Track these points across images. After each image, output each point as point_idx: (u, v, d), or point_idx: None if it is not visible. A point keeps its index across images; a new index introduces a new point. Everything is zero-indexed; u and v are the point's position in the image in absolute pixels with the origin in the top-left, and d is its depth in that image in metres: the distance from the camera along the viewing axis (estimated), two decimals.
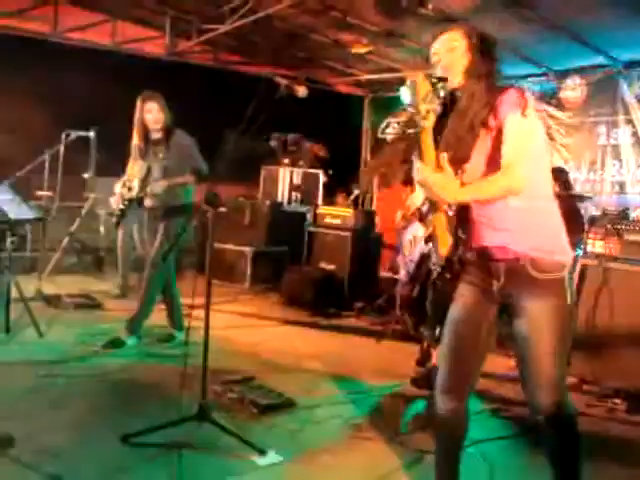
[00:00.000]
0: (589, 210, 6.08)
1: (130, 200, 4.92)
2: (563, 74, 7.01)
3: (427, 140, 2.28)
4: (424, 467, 3.21)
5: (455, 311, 2.48)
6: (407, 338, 5.64)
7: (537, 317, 2.30)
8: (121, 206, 4.95)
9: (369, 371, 4.79)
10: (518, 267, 2.30)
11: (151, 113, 4.84)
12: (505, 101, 2.26)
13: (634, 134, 6.38)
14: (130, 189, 4.92)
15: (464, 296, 2.45)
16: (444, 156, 2.21)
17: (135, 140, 4.94)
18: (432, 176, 2.20)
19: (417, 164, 2.26)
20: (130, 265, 6.73)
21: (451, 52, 2.46)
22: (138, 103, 4.87)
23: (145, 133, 4.90)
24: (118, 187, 4.98)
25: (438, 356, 4.35)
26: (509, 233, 2.31)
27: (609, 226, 4.73)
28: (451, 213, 2.33)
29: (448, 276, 2.41)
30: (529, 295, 2.30)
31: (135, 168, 4.91)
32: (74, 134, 7.08)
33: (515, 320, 2.35)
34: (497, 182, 2.24)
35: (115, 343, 4.80)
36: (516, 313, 2.34)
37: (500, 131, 2.26)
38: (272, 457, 3.16)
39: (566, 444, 2.41)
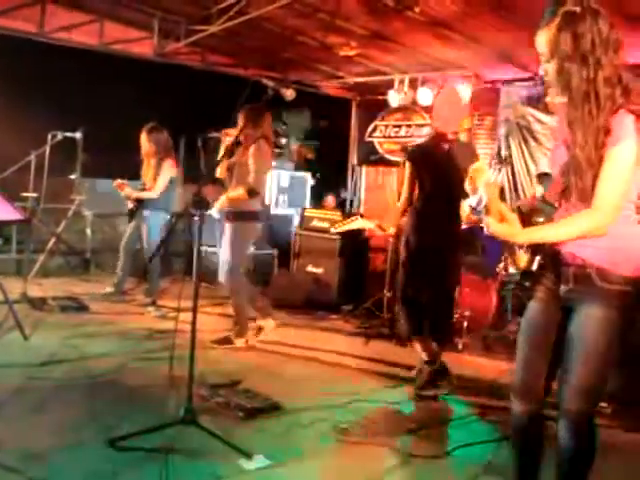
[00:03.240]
0: None
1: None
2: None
3: (494, 201, 2.48)
4: (412, 471, 3.22)
5: (529, 313, 2.52)
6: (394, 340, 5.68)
7: (587, 324, 2.31)
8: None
9: (356, 374, 4.79)
10: (585, 274, 2.30)
11: None
12: (616, 127, 2.19)
13: None
14: None
15: (538, 298, 2.48)
16: (504, 208, 2.42)
17: None
18: (498, 228, 2.38)
19: (486, 219, 2.43)
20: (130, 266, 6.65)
21: (547, 63, 2.32)
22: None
23: None
24: None
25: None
26: (579, 240, 2.29)
27: None
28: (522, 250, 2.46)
29: (527, 284, 2.48)
30: (588, 302, 2.31)
31: None
32: (60, 135, 7.03)
33: (570, 322, 2.37)
34: (580, 223, 2.26)
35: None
36: (572, 316, 2.36)
37: (601, 158, 2.20)
38: (259, 461, 3.14)
39: (578, 456, 2.41)
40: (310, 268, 7.35)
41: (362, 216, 5.29)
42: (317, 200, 9.05)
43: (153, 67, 7.90)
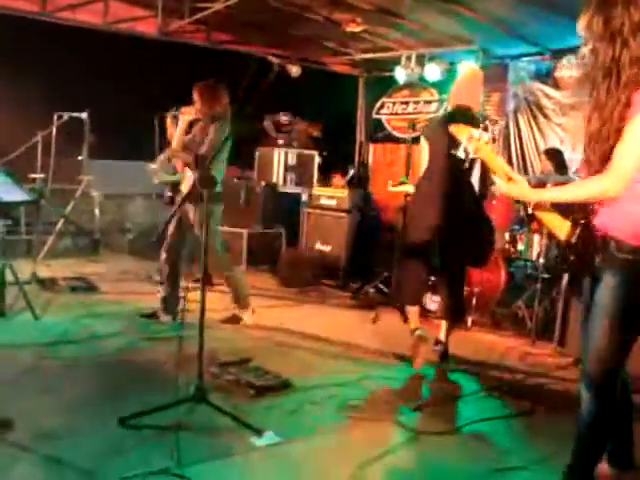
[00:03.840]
0: None
1: None
2: (559, 53, 6.98)
3: (492, 160, 2.75)
4: (421, 447, 3.24)
5: (584, 288, 2.68)
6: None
7: (601, 292, 2.46)
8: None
9: (365, 351, 4.80)
10: (605, 243, 2.45)
11: None
12: (637, 101, 2.29)
13: None
14: None
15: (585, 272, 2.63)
16: (509, 169, 2.67)
17: None
18: (507, 187, 2.64)
19: (496, 179, 2.70)
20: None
21: (585, 46, 2.46)
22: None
23: None
24: None
25: None
26: (603, 212, 2.46)
27: None
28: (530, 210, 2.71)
29: (572, 258, 2.59)
30: (606, 270, 2.45)
31: None
32: (66, 116, 7.02)
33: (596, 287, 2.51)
34: (589, 186, 2.45)
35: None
36: (596, 284, 2.51)
37: (619, 131, 2.33)
38: (269, 438, 3.17)
39: (595, 421, 2.52)
40: (318, 246, 7.36)
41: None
42: (325, 178, 9.02)
43: (158, 46, 7.84)
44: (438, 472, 3.04)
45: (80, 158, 7.91)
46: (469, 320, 5.58)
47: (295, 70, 3.77)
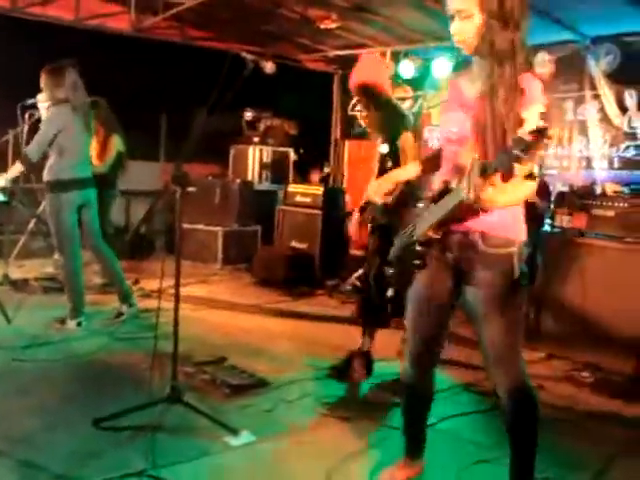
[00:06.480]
0: (557, 186, 6.16)
1: None
2: (532, 50, 7.03)
3: None
4: (395, 444, 3.24)
5: (416, 283, 2.57)
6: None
7: (479, 293, 2.36)
8: None
9: (340, 350, 4.80)
10: (468, 240, 2.34)
11: None
12: (529, 89, 2.21)
13: (600, 110, 6.42)
14: None
15: (426, 267, 2.49)
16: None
17: None
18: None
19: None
20: None
21: (466, 20, 2.30)
22: None
23: None
24: None
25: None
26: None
27: (577, 201, 4.80)
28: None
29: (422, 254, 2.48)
30: (478, 267, 2.34)
31: None
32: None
33: (466, 289, 2.42)
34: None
35: None
36: (466, 282, 2.41)
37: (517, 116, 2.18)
38: (245, 437, 3.16)
39: (519, 422, 2.45)
40: (294, 243, 7.35)
41: None
42: (300, 175, 9.01)
43: (130, 42, 7.77)
44: None
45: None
46: None
47: (269, 67, 3.72)
